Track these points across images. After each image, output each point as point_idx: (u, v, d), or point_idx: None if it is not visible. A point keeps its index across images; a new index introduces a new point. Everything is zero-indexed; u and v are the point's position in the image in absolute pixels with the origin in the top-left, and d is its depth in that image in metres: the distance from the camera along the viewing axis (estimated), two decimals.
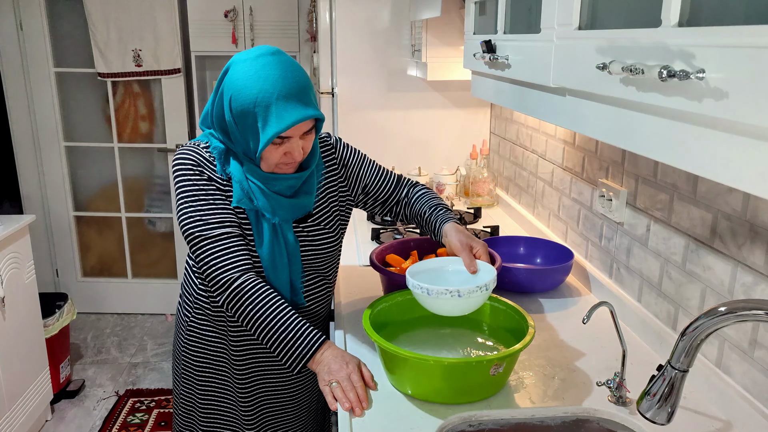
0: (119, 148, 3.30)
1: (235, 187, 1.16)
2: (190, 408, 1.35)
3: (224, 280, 1.12)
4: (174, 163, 1.18)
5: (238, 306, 1.12)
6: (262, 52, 1.11)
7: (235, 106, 1.09)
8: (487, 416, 1.05)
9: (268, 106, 1.06)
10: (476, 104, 2.44)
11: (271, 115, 1.06)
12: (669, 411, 0.83)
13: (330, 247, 1.28)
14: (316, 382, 1.36)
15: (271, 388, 1.33)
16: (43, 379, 2.45)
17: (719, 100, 0.60)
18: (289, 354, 1.10)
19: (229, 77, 1.11)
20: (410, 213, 1.36)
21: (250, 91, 1.07)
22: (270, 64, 1.08)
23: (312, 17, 2.80)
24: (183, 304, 1.33)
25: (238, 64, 1.11)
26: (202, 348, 1.30)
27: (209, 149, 1.19)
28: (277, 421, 1.36)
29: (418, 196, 1.36)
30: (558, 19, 0.99)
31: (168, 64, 3.08)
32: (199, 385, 1.33)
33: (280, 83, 1.07)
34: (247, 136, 1.11)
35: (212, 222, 1.13)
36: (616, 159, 1.44)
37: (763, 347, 0.97)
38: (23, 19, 3.07)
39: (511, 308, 1.21)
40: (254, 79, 1.07)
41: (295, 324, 1.10)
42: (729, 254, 1.05)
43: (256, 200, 1.15)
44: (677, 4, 0.68)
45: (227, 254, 1.12)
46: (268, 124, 1.07)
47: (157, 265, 3.50)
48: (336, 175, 1.30)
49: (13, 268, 2.24)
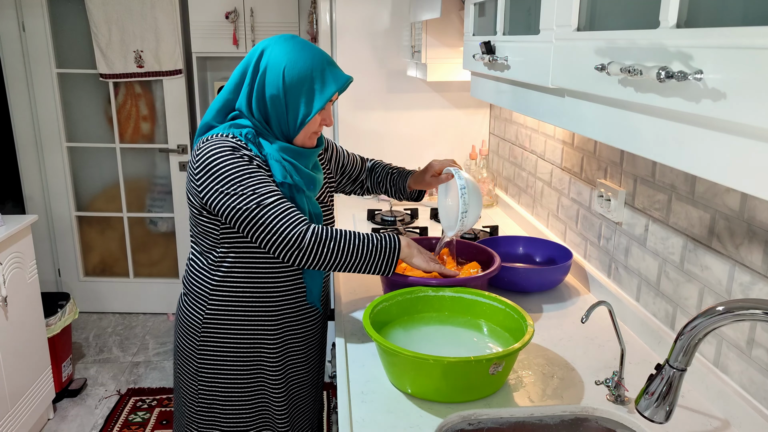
0: (121, 149, 3.31)
1: (274, 166, 1.24)
2: (210, 403, 1.36)
3: (297, 233, 1.18)
4: (210, 151, 1.20)
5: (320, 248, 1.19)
6: (289, 35, 1.26)
7: (290, 75, 1.21)
8: (487, 415, 1.05)
9: (323, 70, 1.23)
10: (476, 105, 2.45)
11: (327, 76, 1.23)
12: (667, 410, 0.83)
13: (330, 221, 1.42)
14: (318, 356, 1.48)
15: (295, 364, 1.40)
16: (46, 378, 2.45)
17: (717, 101, 0.60)
18: (381, 267, 1.24)
19: (272, 56, 1.22)
20: (374, 180, 1.62)
21: (305, 60, 1.21)
22: (306, 43, 1.25)
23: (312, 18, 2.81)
24: (191, 303, 1.34)
25: (276, 45, 1.24)
26: (223, 343, 1.32)
27: (237, 138, 1.23)
28: (297, 398, 1.42)
29: (376, 165, 1.63)
30: (557, 21, 0.99)
31: (169, 65, 3.09)
32: (221, 381, 1.34)
33: (322, 53, 1.25)
34: (300, 103, 1.22)
35: (266, 192, 1.19)
36: (614, 159, 1.44)
37: (761, 346, 0.98)
38: (25, 20, 3.08)
39: (511, 308, 1.22)
40: (303, 51, 1.22)
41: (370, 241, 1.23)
42: (727, 254, 1.05)
43: (294, 176, 1.26)
44: (675, 6, 0.68)
45: (289, 213, 1.19)
46: (327, 85, 1.22)
47: (159, 265, 3.51)
48: (322, 159, 1.48)
49: (16, 267, 2.25)
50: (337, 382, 1.16)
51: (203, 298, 1.32)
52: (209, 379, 1.35)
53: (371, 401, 1.08)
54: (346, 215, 2.21)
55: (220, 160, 1.19)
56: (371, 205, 2.31)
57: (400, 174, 1.60)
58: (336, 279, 1.63)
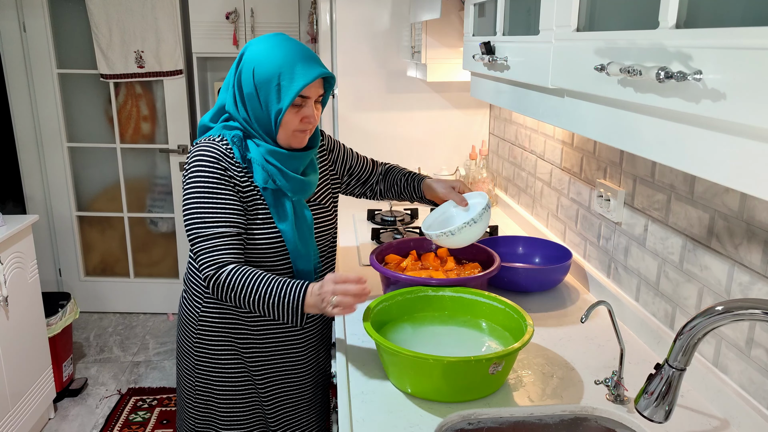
0: (121, 149, 3.31)
1: (256, 170, 1.24)
2: (206, 399, 1.37)
3: (209, 275, 1.17)
4: (194, 158, 1.22)
5: (226, 293, 1.17)
6: (275, 34, 1.25)
7: (260, 73, 1.20)
8: (486, 414, 1.05)
9: (293, 65, 1.19)
10: (475, 105, 2.45)
11: (296, 71, 1.19)
12: (666, 409, 0.83)
13: (330, 225, 1.41)
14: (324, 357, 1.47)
15: (285, 367, 1.38)
16: (46, 378, 2.46)
17: (716, 101, 0.60)
18: (285, 314, 1.15)
19: (248, 55, 1.23)
20: (385, 185, 1.56)
21: (274, 58, 1.20)
22: (286, 39, 1.24)
23: (312, 19, 2.81)
24: (189, 300, 1.36)
25: (256, 44, 1.24)
26: (217, 338, 1.33)
27: (226, 140, 1.25)
28: (291, 400, 1.41)
29: (388, 170, 1.57)
30: (556, 21, 0.99)
31: (170, 65, 3.10)
32: (215, 376, 1.35)
33: (299, 49, 1.22)
34: (271, 100, 1.20)
35: (209, 221, 1.19)
36: (614, 159, 1.45)
37: (760, 346, 0.98)
38: (26, 21, 3.08)
39: (510, 307, 1.22)
40: (276, 48, 1.21)
41: (276, 285, 1.15)
42: (726, 254, 1.05)
43: (279, 180, 1.24)
44: (675, 6, 0.68)
45: (211, 252, 1.18)
46: (295, 79, 1.19)
47: (159, 265, 3.51)
48: (326, 160, 1.45)
49: (17, 267, 2.25)
50: (338, 381, 1.17)
51: (199, 296, 1.34)
52: (205, 376, 1.36)
53: (371, 401, 1.08)
54: (346, 216, 2.21)
55: (194, 172, 1.21)
56: (371, 205, 2.31)
57: (415, 178, 1.53)
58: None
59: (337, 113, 2.43)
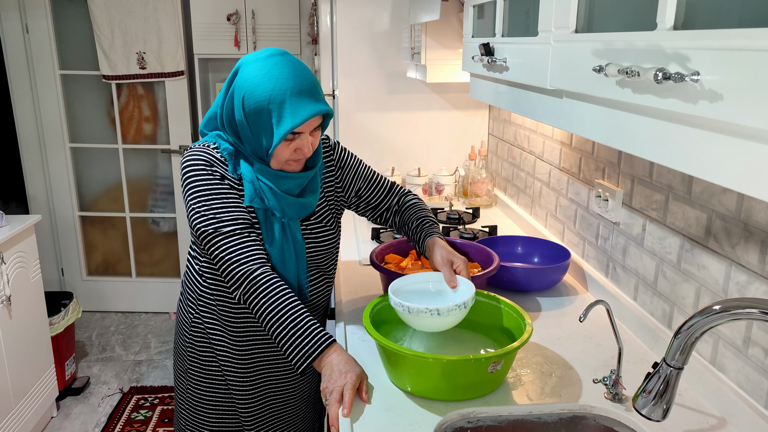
0: (123, 150, 3.32)
1: (246, 187, 1.18)
2: (195, 403, 1.37)
3: (240, 272, 1.12)
4: (185, 163, 1.18)
5: (253, 298, 1.12)
6: (272, 53, 1.14)
7: (248, 104, 1.11)
8: (485, 413, 1.06)
9: (282, 102, 1.10)
10: (475, 106, 2.46)
11: (285, 111, 1.10)
12: (664, 408, 0.84)
13: (330, 243, 1.31)
14: (314, 375, 1.38)
15: (273, 384, 1.35)
16: (49, 377, 2.47)
17: (714, 102, 0.61)
18: (295, 352, 1.09)
19: (240, 78, 1.14)
20: (399, 221, 1.41)
21: (263, 89, 1.10)
22: (280, 63, 1.12)
23: (313, 20, 2.82)
24: (185, 302, 1.35)
25: (249, 64, 1.14)
26: (207, 343, 1.32)
27: (219, 150, 1.20)
28: (277, 417, 1.38)
29: (407, 206, 1.40)
30: (555, 22, 1.00)
31: (171, 66, 3.11)
32: (203, 380, 1.34)
33: (292, 81, 1.10)
34: (260, 133, 1.13)
35: (226, 219, 1.15)
36: (612, 160, 1.45)
37: (757, 345, 0.99)
38: (29, 22, 3.09)
39: (509, 307, 1.23)
40: (267, 78, 1.10)
41: (305, 323, 1.10)
42: (723, 254, 1.06)
43: (267, 200, 1.18)
44: (672, 8, 0.69)
45: (243, 248, 1.14)
46: (283, 120, 1.10)
47: (161, 265, 3.52)
48: (333, 175, 1.34)
49: (19, 267, 2.26)
50: None
51: (193, 301, 1.32)
52: (193, 378, 1.35)
53: (371, 399, 1.09)
54: (346, 215, 2.22)
55: (193, 175, 1.16)
56: None
57: (424, 229, 1.35)
58: (336, 279, 1.64)
59: (337, 113, 2.44)
